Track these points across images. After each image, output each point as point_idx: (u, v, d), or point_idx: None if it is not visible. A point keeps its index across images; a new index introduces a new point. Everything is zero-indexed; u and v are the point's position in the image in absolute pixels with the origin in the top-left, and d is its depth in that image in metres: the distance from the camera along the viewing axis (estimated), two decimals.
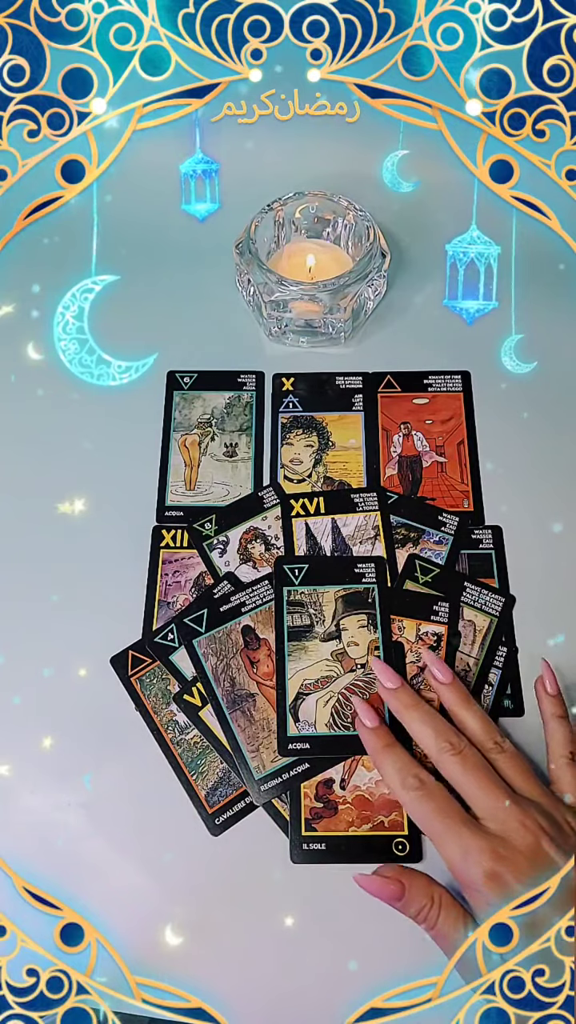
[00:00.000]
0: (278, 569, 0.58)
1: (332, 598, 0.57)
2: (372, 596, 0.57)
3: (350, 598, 0.57)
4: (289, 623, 0.56)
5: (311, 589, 0.57)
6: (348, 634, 0.56)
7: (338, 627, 0.56)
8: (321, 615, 0.56)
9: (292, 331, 0.69)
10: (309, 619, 0.56)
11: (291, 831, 0.51)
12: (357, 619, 0.56)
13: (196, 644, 0.56)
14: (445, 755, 0.48)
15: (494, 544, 0.60)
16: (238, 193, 0.74)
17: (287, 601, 0.57)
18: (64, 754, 0.54)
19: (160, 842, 0.52)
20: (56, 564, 0.60)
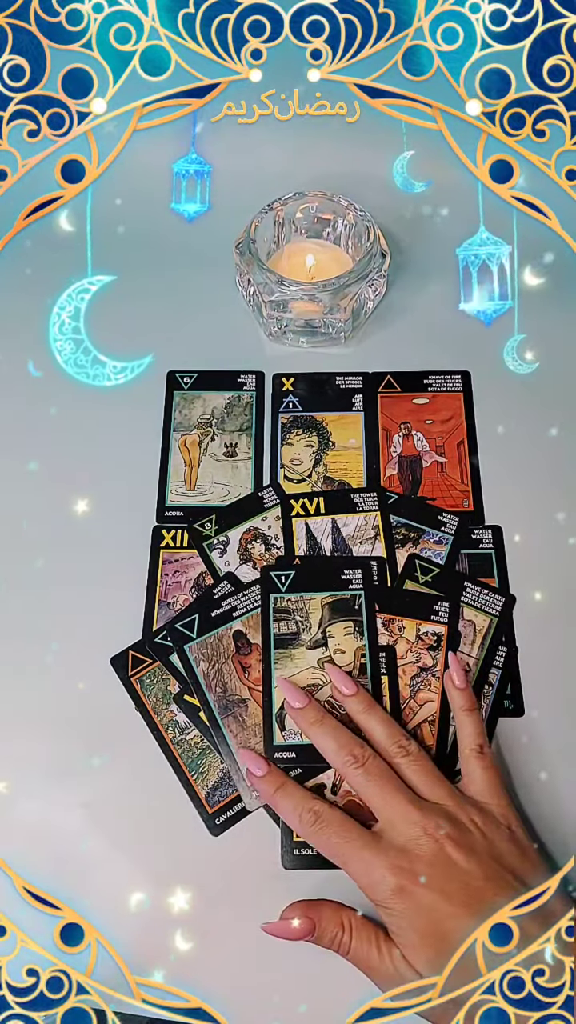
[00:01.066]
0: (264, 576, 0.57)
1: (318, 605, 0.56)
2: (358, 603, 0.56)
3: (336, 605, 0.56)
4: (276, 630, 0.56)
5: (297, 596, 0.57)
6: (335, 641, 0.55)
7: (324, 634, 0.55)
8: (307, 622, 0.56)
9: (292, 331, 0.69)
10: (295, 626, 0.56)
11: (283, 836, 0.51)
12: (343, 626, 0.56)
13: (187, 650, 0.56)
14: (348, 768, 0.49)
15: (494, 544, 0.60)
16: (238, 193, 0.74)
17: (273, 608, 0.56)
18: (64, 754, 0.54)
19: (160, 842, 0.52)
20: (56, 564, 0.60)
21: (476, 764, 0.50)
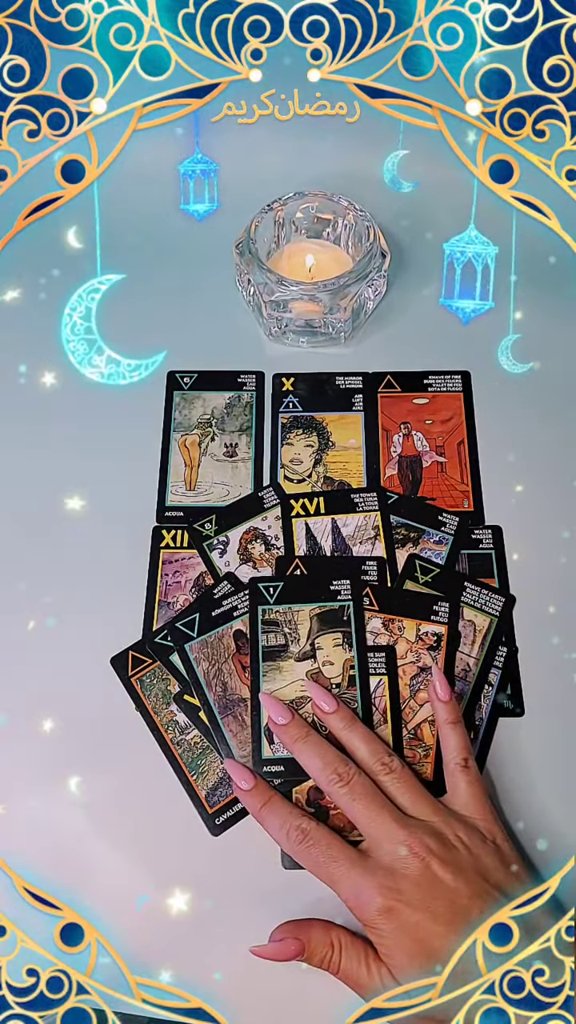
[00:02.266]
0: (252, 587, 0.57)
1: (307, 616, 0.56)
2: (347, 614, 0.56)
3: (325, 616, 0.56)
4: (264, 642, 0.55)
5: (285, 608, 0.56)
6: (323, 653, 0.55)
7: (313, 646, 0.55)
8: (296, 634, 0.55)
9: (292, 331, 0.69)
10: (284, 638, 0.55)
11: None
12: (332, 637, 0.55)
13: (188, 649, 0.56)
14: (333, 787, 0.48)
15: (494, 544, 0.60)
16: (238, 193, 0.74)
17: (261, 620, 0.56)
18: (64, 754, 0.54)
19: (160, 842, 0.52)
20: (56, 564, 0.60)
21: (461, 778, 0.49)
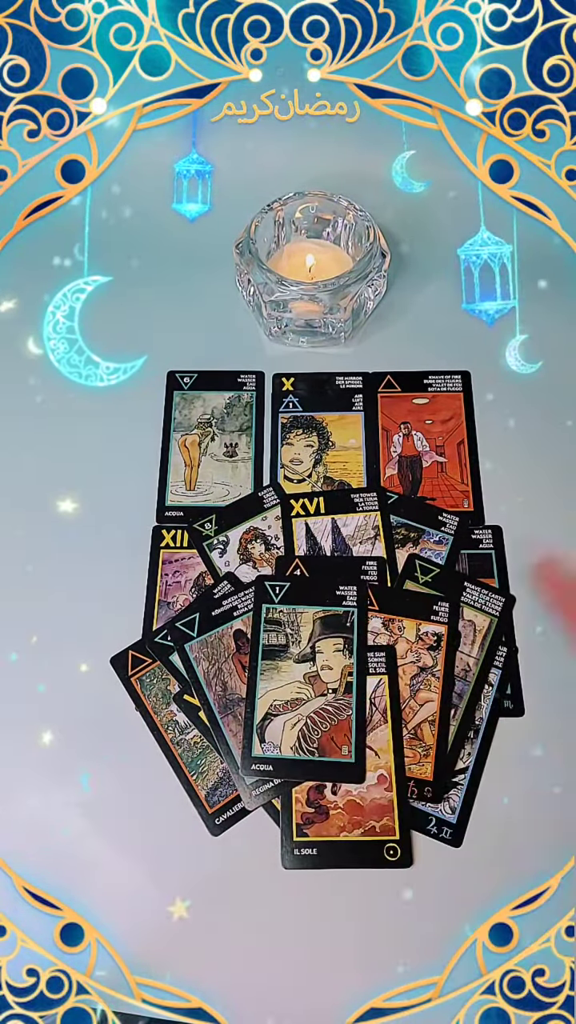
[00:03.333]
0: (258, 585, 0.57)
1: (310, 619, 0.56)
2: (351, 620, 0.56)
3: (328, 620, 0.56)
4: (265, 641, 0.55)
5: (289, 608, 0.56)
6: (323, 657, 0.55)
7: (313, 649, 0.55)
8: (297, 635, 0.55)
9: (292, 331, 0.69)
10: (285, 639, 0.55)
11: (283, 837, 0.51)
12: (333, 642, 0.55)
13: (188, 648, 0.56)
14: None
15: (494, 544, 0.60)
16: (237, 193, 0.74)
17: (264, 619, 0.56)
18: (64, 754, 0.54)
19: (160, 842, 0.52)
20: (56, 564, 0.60)
21: None
